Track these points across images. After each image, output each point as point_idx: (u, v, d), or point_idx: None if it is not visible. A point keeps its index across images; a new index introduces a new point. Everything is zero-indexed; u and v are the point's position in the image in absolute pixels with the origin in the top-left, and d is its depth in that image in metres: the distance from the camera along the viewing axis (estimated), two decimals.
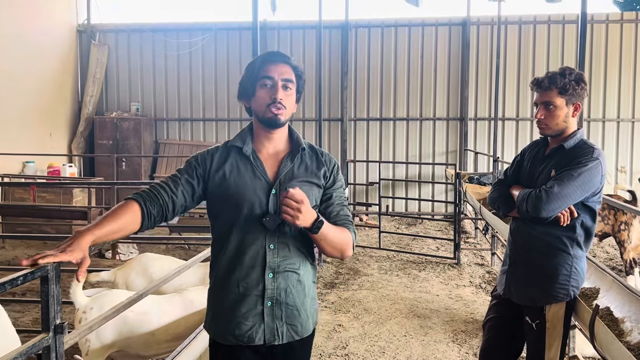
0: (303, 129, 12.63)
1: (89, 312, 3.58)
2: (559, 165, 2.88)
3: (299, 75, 2.29)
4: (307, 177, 2.27)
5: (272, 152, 2.30)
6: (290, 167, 2.26)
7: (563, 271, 2.91)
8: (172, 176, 2.29)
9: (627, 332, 2.97)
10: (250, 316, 2.21)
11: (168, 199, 2.22)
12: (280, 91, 2.20)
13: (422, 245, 9.43)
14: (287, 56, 2.27)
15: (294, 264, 2.24)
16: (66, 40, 12.84)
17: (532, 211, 2.84)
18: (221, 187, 2.25)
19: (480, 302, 6.41)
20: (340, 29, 12.39)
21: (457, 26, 12.31)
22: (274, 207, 2.20)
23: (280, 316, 2.22)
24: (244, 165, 2.26)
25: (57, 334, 2.10)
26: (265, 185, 2.22)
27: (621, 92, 11.97)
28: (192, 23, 13.04)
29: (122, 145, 12.51)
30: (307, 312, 2.30)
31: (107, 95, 13.26)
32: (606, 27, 11.93)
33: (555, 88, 2.85)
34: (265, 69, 2.22)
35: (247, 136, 2.31)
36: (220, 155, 2.30)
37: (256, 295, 2.21)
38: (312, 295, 2.34)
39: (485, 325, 3.26)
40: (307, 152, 2.33)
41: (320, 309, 6.13)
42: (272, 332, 2.21)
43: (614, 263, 8.08)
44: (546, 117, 2.90)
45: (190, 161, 2.31)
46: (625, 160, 12.01)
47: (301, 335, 2.28)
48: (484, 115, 12.29)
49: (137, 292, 2.98)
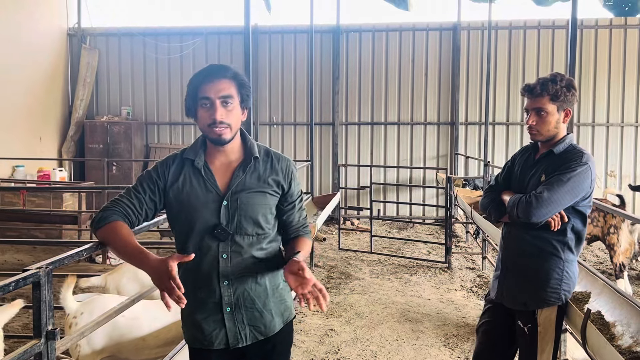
0: (295, 134, 12.64)
1: (79, 318, 3.56)
2: (548, 170, 2.90)
3: (241, 84, 2.26)
4: (260, 186, 2.29)
5: (224, 162, 2.32)
6: (242, 177, 2.28)
7: (555, 275, 2.92)
8: (135, 192, 2.31)
9: (619, 336, 2.99)
10: (210, 321, 2.28)
11: (135, 220, 2.29)
12: (219, 110, 2.19)
13: (414, 249, 9.45)
14: (224, 69, 2.24)
15: (249, 269, 2.27)
16: (56, 44, 12.79)
17: (522, 216, 2.86)
18: (176, 199, 2.29)
19: (472, 306, 6.42)
20: (332, 34, 12.40)
21: (448, 31, 12.36)
22: (226, 218, 2.23)
23: (242, 320, 2.28)
24: (196, 178, 2.29)
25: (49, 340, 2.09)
26: (217, 198, 2.25)
27: (610, 96, 12.04)
28: (183, 27, 13.02)
29: (113, 149, 12.46)
30: (272, 312, 2.34)
31: (98, 99, 13.20)
32: (595, 32, 12.01)
33: (547, 94, 2.86)
34: (202, 89, 2.20)
35: (199, 148, 2.33)
36: (176, 167, 2.33)
37: (214, 303, 2.27)
38: (279, 296, 2.38)
39: (478, 330, 3.27)
40: (262, 159, 2.33)
41: (312, 313, 6.12)
42: (235, 335, 2.28)
43: (604, 267, 8.12)
44: (538, 124, 2.90)
45: (151, 175, 2.33)
46: (614, 165, 12.08)
47: (266, 335, 2.33)
48: (475, 119, 12.33)
49: (128, 297, 2.97)
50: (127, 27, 13.08)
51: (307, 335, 5.50)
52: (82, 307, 3.64)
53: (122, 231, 2.20)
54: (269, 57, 12.69)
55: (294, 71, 12.65)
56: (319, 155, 12.49)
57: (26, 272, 2.01)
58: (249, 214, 2.25)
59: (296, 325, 5.71)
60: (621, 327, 3.05)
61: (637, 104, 11.97)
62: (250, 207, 2.25)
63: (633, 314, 3.06)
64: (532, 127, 2.92)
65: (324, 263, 8.38)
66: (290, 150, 12.63)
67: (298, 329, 5.63)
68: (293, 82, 12.67)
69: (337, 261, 8.52)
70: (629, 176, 12.04)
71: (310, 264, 8.17)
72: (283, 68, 12.69)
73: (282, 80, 12.70)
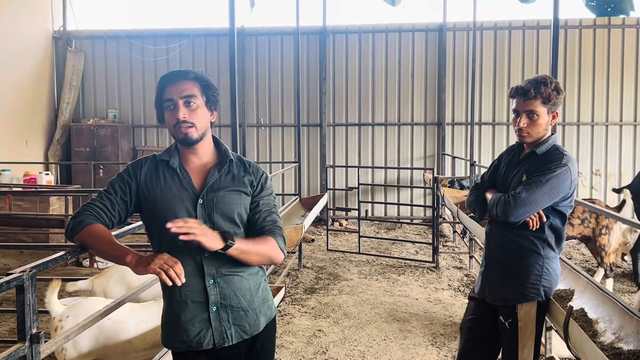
0: (282, 135, 12.65)
1: (65, 321, 3.55)
2: (530, 171, 2.94)
3: (206, 85, 2.30)
4: (235, 186, 2.32)
5: (199, 164, 2.36)
6: (218, 177, 2.31)
7: (534, 271, 2.97)
8: (106, 194, 2.32)
9: (601, 333, 3.03)
10: (196, 322, 2.27)
11: (108, 222, 2.30)
12: (182, 110, 2.23)
13: (402, 250, 9.48)
14: (185, 72, 2.29)
15: (234, 268, 2.28)
16: (42, 47, 12.71)
17: (501, 216, 2.91)
18: (150, 199, 2.30)
19: (459, 305, 6.46)
20: (318, 35, 12.42)
21: (434, 32, 12.41)
22: (202, 216, 2.24)
23: (227, 319, 2.29)
24: (170, 177, 2.31)
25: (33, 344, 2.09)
26: (192, 196, 2.28)
27: (595, 96, 12.14)
28: (169, 29, 12.98)
29: (100, 152, 12.40)
30: (256, 311, 2.35)
31: (84, 102, 13.13)
32: (579, 32, 12.11)
33: (540, 97, 2.87)
34: (165, 93, 2.26)
35: (174, 151, 2.36)
36: (149, 168, 2.35)
37: (200, 302, 2.27)
38: (263, 296, 2.40)
39: (463, 327, 3.30)
40: (235, 162, 2.38)
41: (300, 314, 6.13)
42: (221, 335, 2.28)
43: (590, 265, 8.19)
44: (529, 126, 2.91)
45: (122, 177, 2.35)
46: (600, 164, 12.17)
47: (251, 334, 2.34)
48: (461, 120, 12.40)
49: (114, 300, 2.96)
50: (113, 30, 13.01)
51: (295, 336, 5.51)
52: (67, 310, 3.63)
53: (100, 232, 2.21)
54: (256, 59, 12.69)
55: (280, 73, 12.66)
56: (306, 156, 12.52)
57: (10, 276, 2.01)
58: (225, 212, 2.27)
59: (284, 327, 5.72)
60: (604, 324, 3.09)
61: (621, 103, 12.08)
62: (226, 206, 2.28)
63: (615, 310, 3.10)
64: (523, 129, 2.92)
65: (312, 264, 8.39)
66: (278, 151, 12.65)
67: (286, 330, 5.64)
68: (280, 83, 12.68)
69: (326, 262, 8.54)
70: (614, 175, 12.15)
71: (298, 265, 8.19)
72: (270, 70, 12.70)
73: (269, 82, 12.70)
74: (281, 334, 5.53)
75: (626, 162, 12.14)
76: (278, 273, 7.64)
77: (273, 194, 2.44)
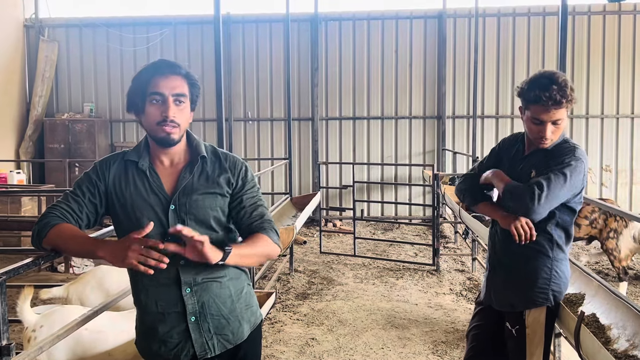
0: (272, 130, 12.63)
1: (38, 331, 3.52)
2: (539, 165, 2.91)
3: (192, 84, 2.28)
4: (209, 187, 2.28)
5: (169, 165, 2.32)
6: (190, 178, 2.27)
7: (543, 274, 2.95)
8: (73, 196, 2.29)
9: (614, 340, 3.03)
10: (174, 334, 2.26)
11: (75, 224, 2.25)
12: (172, 108, 2.20)
13: (400, 252, 9.49)
14: (177, 66, 2.26)
15: (212, 274, 2.26)
16: (12, 36, 12.62)
17: (518, 209, 2.80)
18: (119, 204, 2.27)
19: (461, 310, 6.47)
20: (310, 23, 12.40)
21: (433, 19, 12.42)
22: (174, 222, 2.19)
23: (208, 329, 2.27)
24: (140, 180, 2.28)
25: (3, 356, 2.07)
26: (163, 201, 2.24)
27: (605, 87, 12.17)
28: (150, 17, 12.92)
29: (75, 149, 12.33)
30: (239, 318, 2.33)
31: (58, 95, 13.06)
32: (588, 18, 12.14)
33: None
34: (154, 84, 2.20)
35: (143, 150, 2.32)
36: (117, 169, 2.31)
37: (176, 313, 2.25)
38: (245, 301, 2.37)
39: (468, 334, 3.30)
40: (209, 159, 2.33)
41: (292, 321, 6.12)
42: (203, 346, 2.27)
43: (600, 267, 8.23)
44: (553, 133, 2.84)
45: (90, 177, 2.32)
46: (610, 159, 12.21)
47: (235, 343, 2.33)
48: (462, 113, 12.41)
49: (91, 309, 2.94)
50: (89, 17, 12.95)
51: (286, 346, 5.50)
52: (41, 320, 3.60)
53: (68, 231, 2.17)
54: (243, 48, 12.66)
55: (269, 63, 12.63)
56: (297, 152, 12.49)
57: None
58: (199, 217, 2.24)
59: (275, 335, 5.71)
60: (617, 330, 3.09)
61: (633, 95, 12.12)
62: (200, 210, 2.24)
63: (629, 316, 3.09)
64: (545, 137, 2.83)
65: (305, 268, 8.38)
66: (268, 147, 12.62)
67: (277, 339, 5.63)
68: (269, 74, 12.65)
69: (319, 265, 8.53)
70: (625, 171, 12.19)
71: (289, 269, 8.17)
72: (258, 60, 12.66)
73: (257, 73, 12.67)
74: (272, 343, 5.51)
75: (638, 157, 12.18)
76: (268, 278, 7.62)
77: (256, 186, 2.39)
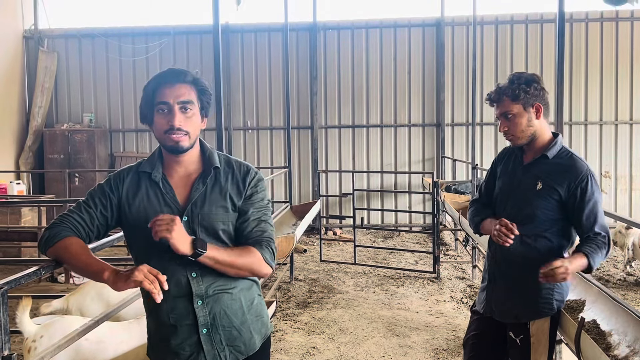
0: (271, 139, 12.63)
1: (39, 341, 3.51)
2: (544, 177, 2.92)
3: (202, 90, 2.27)
4: (221, 200, 2.26)
5: (183, 175, 2.31)
6: (203, 190, 2.26)
7: (545, 285, 2.93)
8: (85, 206, 2.28)
9: (615, 346, 3.02)
10: (186, 346, 2.25)
11: (85, 236, 2.26)
12: (178, 116, 2.19)
13: (400, 259, 9.48)
14: (183, 73, 2.24)
15: (223, 285, 2.25)
16: (11, 47, 12.65)
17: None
18: (132, 216, 2.27)
19: (462, 317, 6.46)
20: (308, 31, 12.44)
21: (431, 27, 12.46)
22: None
23: (220, 340, 2.26)
24: (153, 192, 2.27)
25: None
26: (176, 212, 2.22)
27: (603, 93, 12.19)
28: (149, 27, 12.95)
29: (75, 159, 12.34)
30: (250, 329, 2.32)
31: (58, 105, 13.07)
32: (586, 25, 12.19)
33: (506, 97, 2.95)
34: (159, 94, 2.21)
35: (156, 161, 2.32)
36: (131, 181, 2.31)
37: (188, 325, 2.24)
38: (255, 312, 2.36)
39: (466, 344, 3.28)
40: (223, 169, 2.32)
41: (293, 330, 6.11)
42: (215, 358, 2.26)
43: (600, 273, 8.22)
44: (510, 128, 2.98)
45: (103, 189, 2.31)
46: (609, 165, 12.22)
47: (247, 354, 2.32)
48: (462, 120, 12.43)
49: (92, 319, 2.94)
50: (88, 28, 12.98)
51: (287, 355, 5.48)
52: (41, 330, 3.59)
53: (76, 247, 2.18)
54: (242, 57, 12.69)
55: (268, 72, 12.66)
56: (297, 161, 12.49)
57: None
58: (210, 230, 2.23)
59: (276, 344, 5.70)
60: (617, 336, 3.08)
61: (632, 101, 12.14)
62: (210, 223, 2.23)
63: (630, 322, 3.09)
64: (507, 132, 3.00)
65: (305, 276, 8.37)
66: (267, 156, 12.63)
67: (278, 348, 5.61)
68: (268, 83, 12.67)
69: (319, 274, 8.52)
70: (624, 177, 12.20)
71: (290, 277, 8.16)
72: (257, 69, 12.69)
73: (257, 82, 12.70)
74: (272, 352, 5.50)
75: (637, 163, 12.20)
76: (268, 287, 7.61)
77: (266, 199, 2.36)
